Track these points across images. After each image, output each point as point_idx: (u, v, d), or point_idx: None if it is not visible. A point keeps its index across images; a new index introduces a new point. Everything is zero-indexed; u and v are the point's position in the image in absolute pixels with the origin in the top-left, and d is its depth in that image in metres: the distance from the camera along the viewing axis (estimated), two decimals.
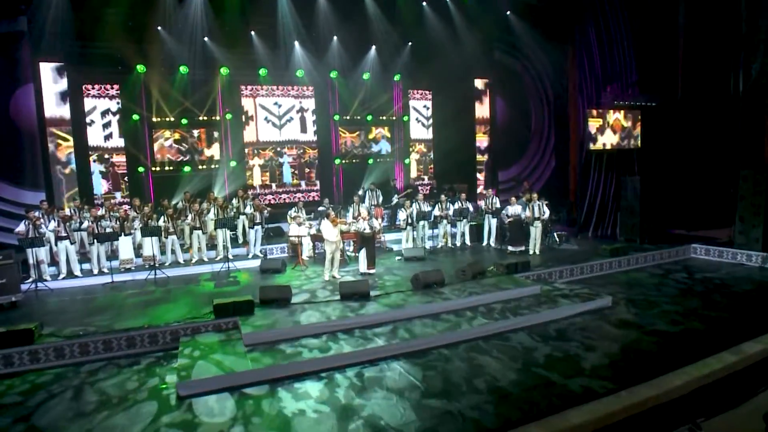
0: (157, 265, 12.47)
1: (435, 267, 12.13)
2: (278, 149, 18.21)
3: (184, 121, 16.69)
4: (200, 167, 17.03)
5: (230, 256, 12.98)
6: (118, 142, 15.89)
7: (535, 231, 13.35)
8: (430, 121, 20.07)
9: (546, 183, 18.36)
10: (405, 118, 19.63)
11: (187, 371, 7.07)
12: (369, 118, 19.05)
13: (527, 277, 11.38)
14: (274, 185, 18.38)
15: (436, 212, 14.25)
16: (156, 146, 16.53)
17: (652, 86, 15.66)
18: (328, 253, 11.23)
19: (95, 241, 11.89)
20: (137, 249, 12.92)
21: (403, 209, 13.86)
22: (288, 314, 8.98)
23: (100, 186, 15.77)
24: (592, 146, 15.06)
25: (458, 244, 14.74)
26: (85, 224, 12.11)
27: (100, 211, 12.77)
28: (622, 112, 15.65)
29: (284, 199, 18.34)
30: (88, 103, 15.45)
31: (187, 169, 16.77)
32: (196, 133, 17.05)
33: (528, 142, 18.62)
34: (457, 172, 18.36)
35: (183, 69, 16.13)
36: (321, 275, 11.67)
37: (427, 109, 20.01)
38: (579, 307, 9.58)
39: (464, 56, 17.29)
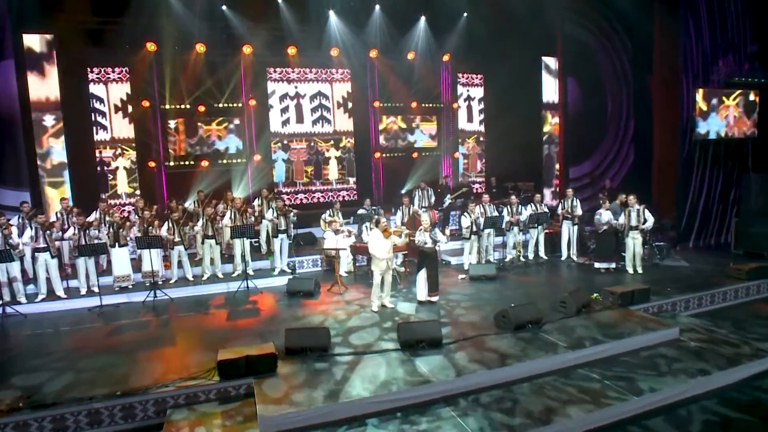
0: (160, 282, 9.60)
1: (508, 288, 9.08)
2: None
3: (201, 108, 13.74)
4: (221, 162, 14.09)
5: (250, 272, 10.00)
6: (126, 132, 13.08)
7: (634, 243, 9.94)
8: (482, 108, 16.75)
9: (623, 181, 14.83)
10: (454, 106, 16.34)
11: None
12: (413, 105, 15.80)
13: (645, 309, 8.07)
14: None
15: (506, 217, 10.98)
16: (170, 137, 13.68)
17: None
18: (376, 275, 8.08)
19: (79, 254, 9.00)
20: (138, 261, 10.03)
21: (466, 214, 10.62)
22: (326, 374, 5.88)
23: None
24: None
25: (530, 256, 11.43)
26: (69, 232, 9.23)
27: (93, 216, 9.92)
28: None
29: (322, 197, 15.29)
30: (93, 88, 12.70)
31: (205, 163, 13.83)
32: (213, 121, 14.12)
33: (603, 133, 15.10)
34: (519, 169, 14.97)
35: (199, 48, 13.17)
36: (365, 301, 8.60)
37: (478, 95, 16.68)
38: (758, 366, 6.23)
39: (530, 29, 13.89)
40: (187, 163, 13.78)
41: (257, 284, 9.70)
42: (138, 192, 13.06)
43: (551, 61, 15.08)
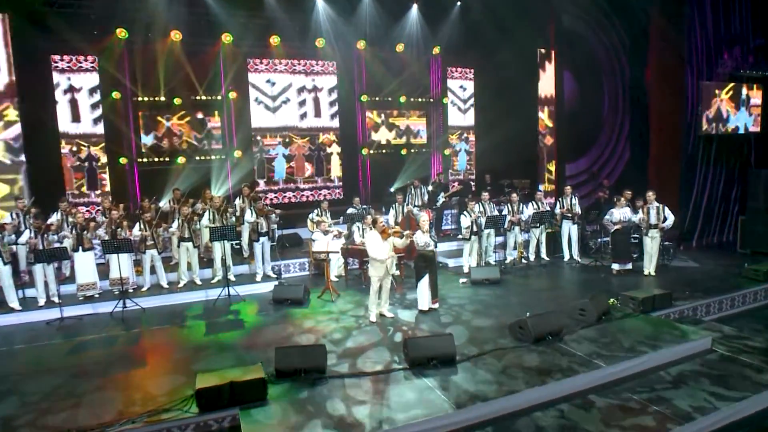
0: (130, 290, 8.54)
1: (514, 292, 8.40)
2: None
3: (177, 100, 12.60)
4: (198, 158, 12.98)
5: (231, 278, 8.99)
6: (93, 126, 11.91)
7: (651, 243, 9.25)
8: (474, 103, 16.00)
9: (619, 179, 14.20)
10: (444, 100, 15.54)
11: None
12: (402, 99, 14.94)
13: (666, 315, 7.36)
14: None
15: (507, 216, 10.19)
16: (143, 132, 12.53)
17: None
18: (374, 281, 7.17)
19: (36, 260, 7.86)
20: (106, 267, 8.89)
21: (466, 213, 9.78)
22: (326, 400, 4.96)
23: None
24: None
25: (532, 258, 10.67)
26: (24, 236, 8.07)
27: (54, 218, 8.79)
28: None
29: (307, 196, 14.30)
30: (57, 78, 11.48)
31: (181, 160, 12.68)
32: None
33: (600, 128, 14.44)
34: (515, 166, 14.19)
35: (175, 35, 12.06)
36: (360, 310, 7.71)
37: (467, 89, 15.93)
38: None
39: (525, 21, 13.14)
40: (161, 159, 12.63)
41: (239, 291, 8.69)
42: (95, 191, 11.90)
43: (547, 54, 14.34)
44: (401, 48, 14.13)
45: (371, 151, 14.83)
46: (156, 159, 12.56)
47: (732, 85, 12.05)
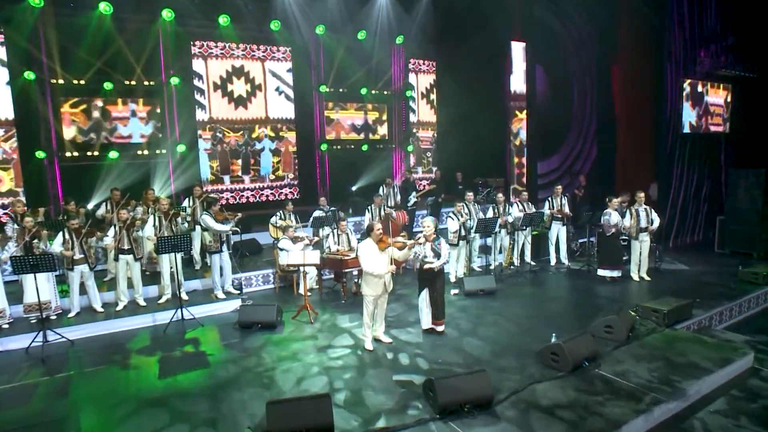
0: (53, 316, 6.72)
1: (514, 303, 7.61)
2: None
3: (107, 85, 10.59)
4: (137, 152, 11.04)
5: (184, 296, 7.34)
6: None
7: (641, 247, 8.60)
8: (440, 97, 15.04)
9: (587, 177, 13.69)
10: (408, 93, 14.44)
11: None
12: (363, 91, 13.65)
13: (687, 327, 6.64)
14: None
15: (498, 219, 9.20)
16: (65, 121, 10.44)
17: (750, 53, 11.33)
18: (369, 300, 5.86)
19: None
20: (19, 289, 6.96)
21: (453, 216, 8.65)
22: None
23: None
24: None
25: (517, 262, 9.76)
26: None
27: None
28: None
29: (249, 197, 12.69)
30: None
31: (113, 155, 10.69)
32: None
33: (569, 125, 13.86)
34: (484, 163, 13.31)
35: (104, 8, 10.09)
36: (344, 336, 6.39)
37: (436, 82, 14.96)
38: None
39: (496, 12, 12.29)
40: (89, 153, 10.59)
41: (195, 313, 7.06)
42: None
43: (518, 47, 13.56)
44: (363, 35, 12.85)
45: (331, 147, 13.43)
46: (83, 153, 10.52)
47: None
